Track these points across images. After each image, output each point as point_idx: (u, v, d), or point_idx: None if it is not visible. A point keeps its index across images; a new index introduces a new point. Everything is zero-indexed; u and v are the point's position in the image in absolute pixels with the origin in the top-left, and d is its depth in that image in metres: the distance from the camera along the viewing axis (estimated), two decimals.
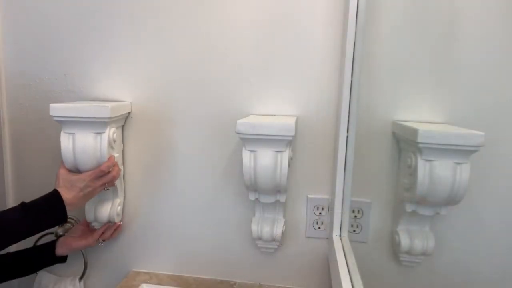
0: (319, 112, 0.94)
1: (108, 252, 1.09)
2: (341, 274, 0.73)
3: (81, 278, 1.08)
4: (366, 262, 0.81)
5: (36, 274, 1.06)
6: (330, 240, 0.93)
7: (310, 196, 0.98)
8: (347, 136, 0.84)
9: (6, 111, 1.09)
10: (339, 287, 0.71)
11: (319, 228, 0.98)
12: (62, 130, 0.89)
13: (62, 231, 1.04)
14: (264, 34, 0.93)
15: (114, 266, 1.10)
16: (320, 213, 0.98)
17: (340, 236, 0.88)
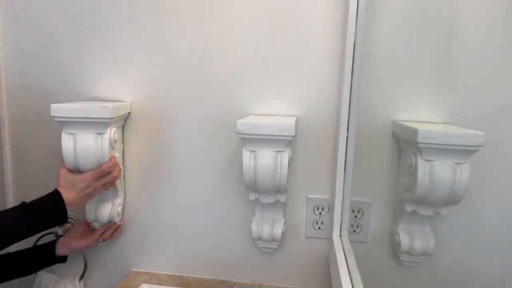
0: (319, 112, 0.94)
1: (108, 252, 1.09)
2: (341, 274, 0.73)
3: (81, 278, 1.09)
4: (366, 262, 0.81)
5: (36, 274, 1.06)
6: (330, 240, 0.93)
7: (310, 196, 0.98)
8: (347, 136, 0.84)
9: (6, 111, 1.09)
10: (339, 287, 0.71)
11: (319, 228, 0.99)
12: (63, 131, 0.89)
13: (62, 231, 1.04)
14: (264, 34, 0.93)
15: (114, 266, 1.10)
16: (320, 213, 0.98)
17: (340, 236, 0.88)
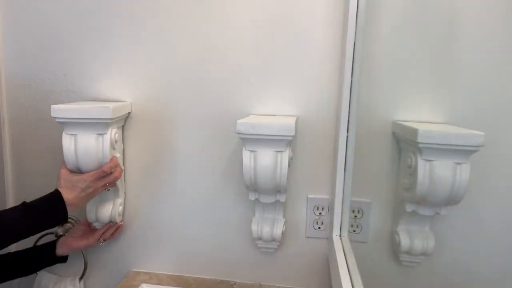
0: (319, 112, 0.94)
1: (108, 252, 1.09)
2: (341, 274, 0.73)
3: (81, 278, 1.08)
4: (366, 262, 0.81)
5: (36, 274, 1.06)
6: (330, 240, 0.93)
7: (310, 196, 0.98)
8: (347, 136, 0.84)
9: (6, 111, 1.09)
10: (339, 287, 0.71)
11: (319, 228, 0.98)
12: (63, 131, 0.88)
13: (62, 231, 1.04)
14: (264, 34, 0.93)
15: (114, 266, 1.10)
16: (320, 213, 0.98)
17: (340, 236, 0.88)
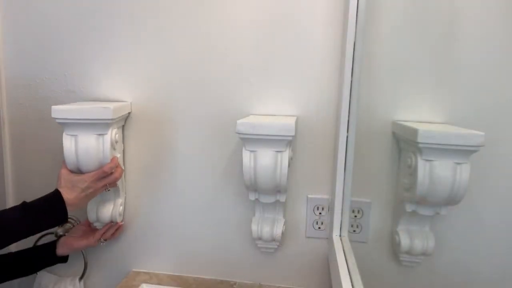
0: (319, 112, 0.94)
1: (108, 252, 1.09)
2: (341, 274, 0.73)
3: (81, 278, 1.08)
4: (366, 262, 0.81)
5: (36, 274, 1.06)
6: (330, 240, 0.93)
7: (310, 196, 0.98)
8: (347, 136, 0.84)
9: (6, 111, 1.09)
10: (339, 287, 0.71)
11: (319, 228, 0.98)
12: (64, 132, 0.88)
13: (62, 231, 1.04)
14: (264, 34, 0.93)
15: (114, 266, 1.10)
16: (320, 213, 0.98)
17: (340, 236, 0.88)
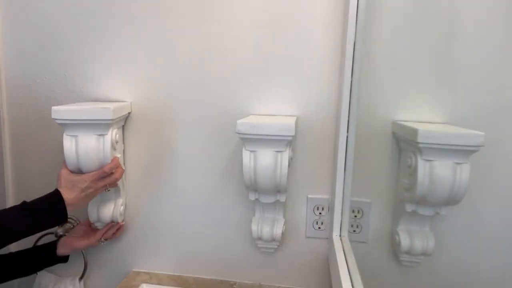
0: (319, 112, 0.94)
1: (108, 252, 1.09)
2: (341, 274, 0.73)
3: (81, 278, 1.08)
4: (366, 262, 0.81)
5: (36, 274, 1.06)
6: (330, 240, 0.93)
7: (310, 196, 0.98)
8: (347, 136, 0.84)
9: (6, 111, 1.09)
10: (339, 287, 0.71)
11: (319, 228, 0.98)
12: (64, 133, 0.88)
13: (62, 231, 1.03)
14: (264, 34, 0.93)
15: (114, 266, 1.10)
16: (320, 213, 0.98)
17: (340, 236, 0.88)
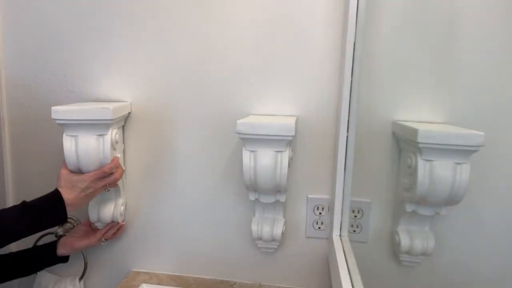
0: (319, 112, 0.94)
1: (108, 252, 1.09)
2: (341, 274, 0.73)
3: (81, 278, 1.08)
4: (366, 262, 0.81)
5: (36, 274, 1.06)
6: (330, 240, 0.93)
7: (310, 196, 0.98)
8: (347, 136, 0.84)
9: (6, 111, 1.09)
10: (339, 287, 0.71)
11: (319, 228, 0.98)
12: (64, 133, 0.88)
13: (62, 231, 1.03)
14: (264, 34, 0.93)
15: (114, 266, 1.10)
16: (320, 213, 0.98)
17: (340, 236, 0.88)
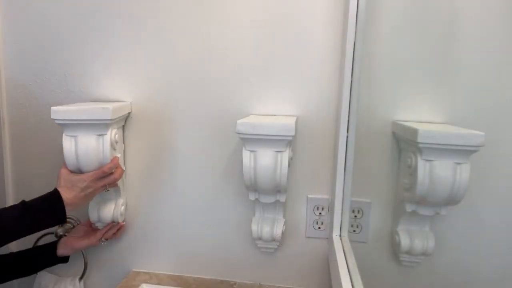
0: (319, 112, 0.94)
1: (108, 252, 1.09)
2: (341, 274, 0.73)
3: (81, 278, 1.08)
4: (366, 262, 0.81)
5: (36, 274, 1.06)
6: (330, 240, 0.93)
7: (310, 196, 0.98)
8: (347, 136, 0.84)
9: (6, 111, 1.09)
10: (339, 287, 0.71)
11: (319, 228, 0.98)
12: (64, 133, 0.88)
13: (62, 231, 1.04)
14: (264, 34, 0.93)
15: (114, 266, 1.10)
16: (320, 213, 0.98)
17: (340, 236, 0.88)
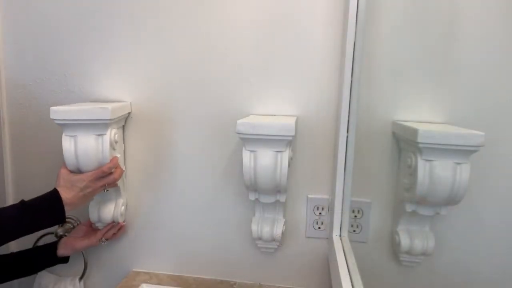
0: (319, 112, 0.94)
1: (108, 252, 1.09)
2: (341, 274, 0.73)
3: (81, 278, 1.08)
4: (366, 262, 0.81)
5: (36, 274, 1.06)
6: (330, 240, 0.93)
7: (310, 196, 0.98)
8: (347, 136, 0.84)
9: (6, 111, 1.09)
10: (339, 287, 0.71)
11: (319, 228, 0.98)
12: (63, 133, 0.88)
13: (62, 231, 1.04)
14: (264, 34, 0.93)
15: (114, 266, 1.10)
16: (320, 213, 0.98)
17: (340, 236, 0.88)
